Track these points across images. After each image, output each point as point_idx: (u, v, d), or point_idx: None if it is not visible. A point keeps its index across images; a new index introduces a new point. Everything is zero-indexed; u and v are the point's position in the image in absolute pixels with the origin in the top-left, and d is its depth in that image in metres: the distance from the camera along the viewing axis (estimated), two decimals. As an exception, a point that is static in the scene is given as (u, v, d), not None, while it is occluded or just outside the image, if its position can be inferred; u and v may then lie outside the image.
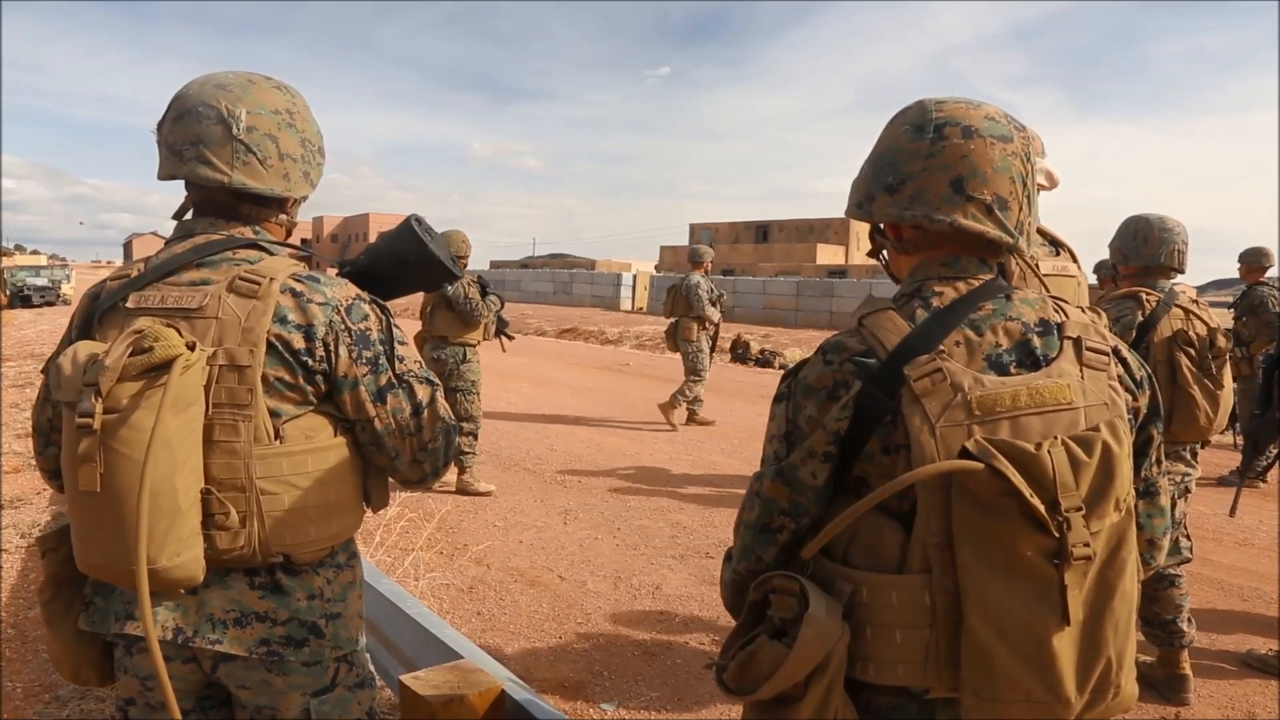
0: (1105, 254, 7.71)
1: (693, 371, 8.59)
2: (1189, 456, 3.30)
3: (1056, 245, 2.58)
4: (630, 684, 3.46)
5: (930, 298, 1.27)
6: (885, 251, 1.43)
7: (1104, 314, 1.59)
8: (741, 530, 1.34)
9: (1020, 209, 1.29)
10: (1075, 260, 2.61)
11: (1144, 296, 3.19)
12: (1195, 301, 3.21)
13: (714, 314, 8.53)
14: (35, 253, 35.05)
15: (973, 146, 1.25)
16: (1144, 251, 3.24)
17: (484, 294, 6.00)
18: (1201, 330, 3.11)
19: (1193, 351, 3.06)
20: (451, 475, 6.04)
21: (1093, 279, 7.73)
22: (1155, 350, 3.10)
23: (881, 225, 1.40)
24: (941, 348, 1.20)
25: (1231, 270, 6.93)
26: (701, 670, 3.56)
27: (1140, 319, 3.15)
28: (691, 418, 8.79)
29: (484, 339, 6.18)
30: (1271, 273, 6.58)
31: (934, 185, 1.26)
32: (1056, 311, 1.28)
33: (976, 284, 1.28)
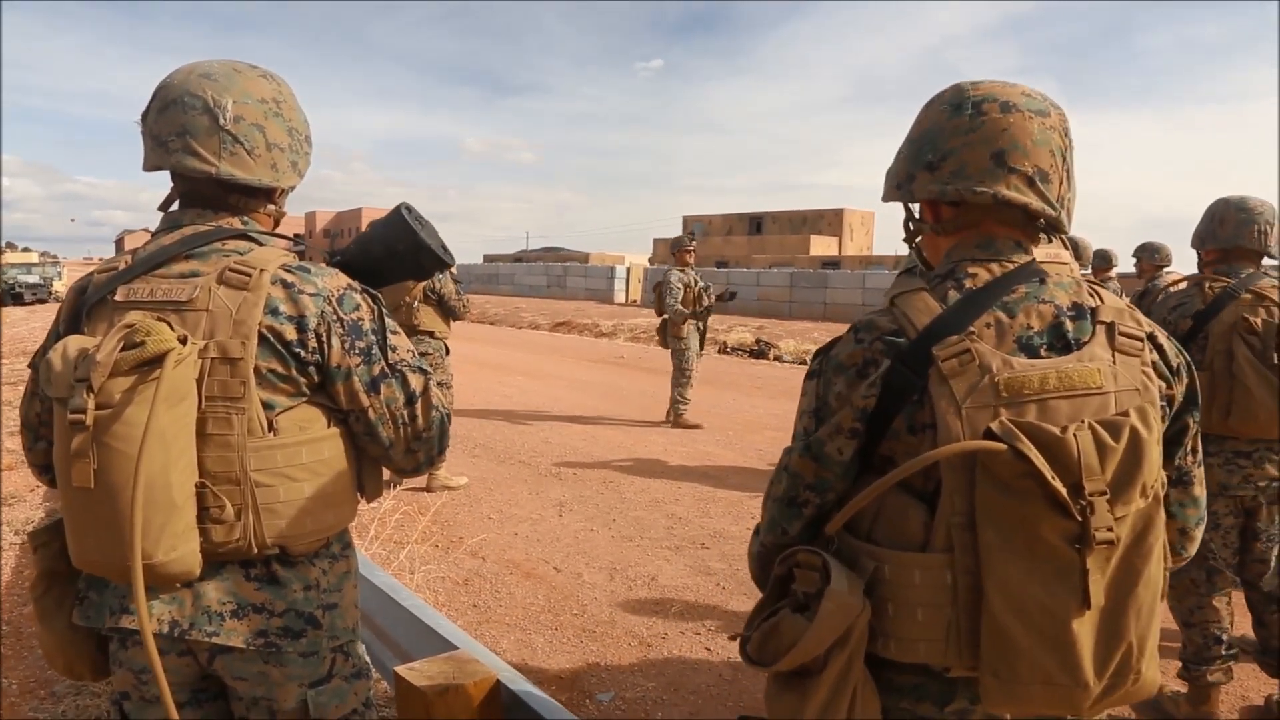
0: (1104, 244, 7.66)
1: (679, 370, 8.31)
2: None
3: (1047, 233, 2.60)
4: (626, 674, 3.47)
5: (963, 279, 1.28)
6: (921, 238, 1.43)
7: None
8: (769, 504, 1.36)
9: (1061, 183, 1.29)
10: (1066, 247, 2.63)
11: (1208, 284, 3.00)
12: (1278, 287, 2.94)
13: (681, 310, 8.11)
14: (27, 250, 34.87)
15: (1012, 120, 1.26)
16: (1220, 234, 3.02)
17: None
18: (1270, 317, 2.87)
19: (1255, 340, 2.87)
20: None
21: (1126, 266, 7.69)
22: (1214, 339, 2.91)
23: (918, 210, 1.41)
24: (972, 329, 1.21)
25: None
26: (697, 660, 3.57)
27: (1200, 307, 2.96)
28: (677, 420, 8.41)
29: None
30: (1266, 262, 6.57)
31: (975, 159, 1.26)
32: (1091, 296, 1.28)
33: (1011, 266, 1.29)
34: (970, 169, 1.27)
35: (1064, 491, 1.09)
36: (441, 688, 1.88)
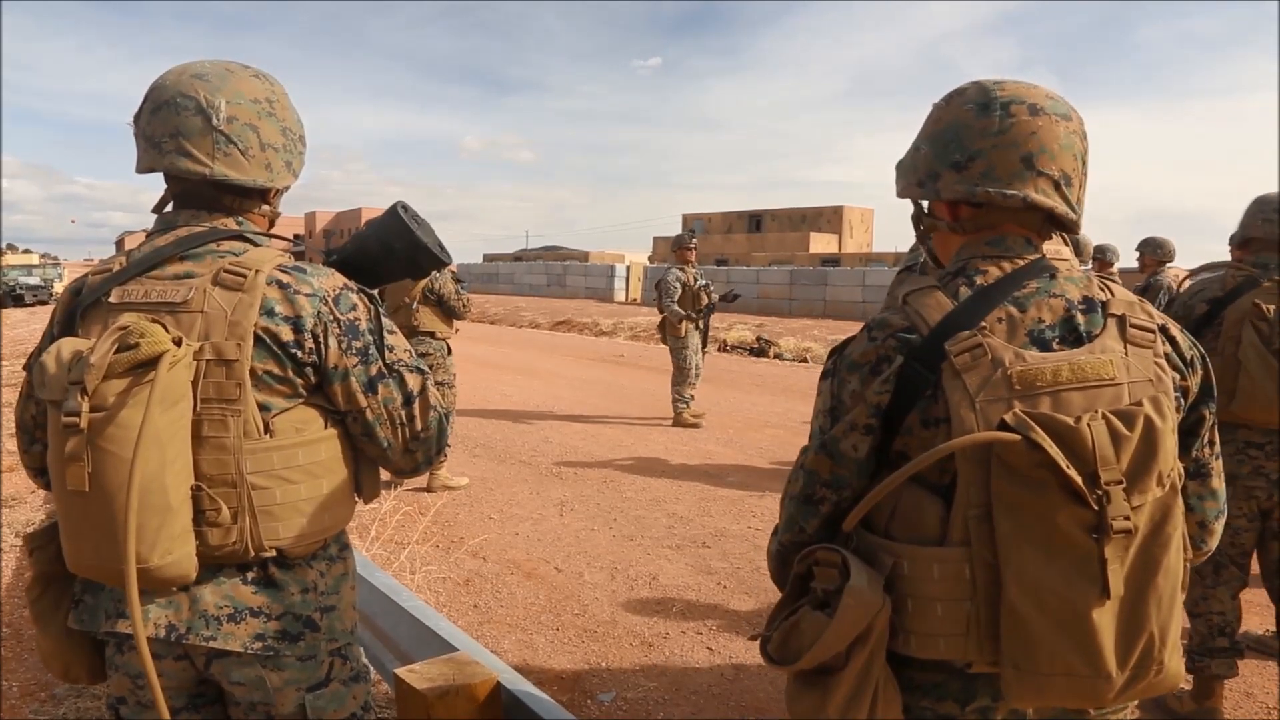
0: (1101, 238, 7.66)
1: (678, 369, 8.29)
2: None
3: (1060, 232, 2.61)
4: (627, 674, 3.46)
5: (974, 276, 1.29)
6: (933, 236, 1.43)
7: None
8: (786, 502, 1.37)
9: (1079, 186, 1.31)
10: (1067, 244, 2.63)
11: (1230, 272, 3.02)
12: None
13: (675, 310, 8.13)
14: (27, 252, 34.87)
15: (1040, 123, 1.27)
16: (1239, 230, 3.08)
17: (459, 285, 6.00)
18: None
19: (1264, 326, 2.87)
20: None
21: (1125, 261, 7.68)
22: (1228, 325, 2.94)
23: (929, 207, 1.41)
24: (983, 324, 1.22)
25: (1223, 253, 6.90)
26: (699, 659, 3.56)
27: (1219, 294, 2.99)
28: (677, 419, 8.37)
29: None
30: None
31: (1004, 161, 1.27)
32: (1102, 290, 1.29)
33: (1022, 263, 1.29)
34: (999, 171, 1.27)
35: (1079, 480, 1.09)
36: (442, 690, 1.88)
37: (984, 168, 1.28)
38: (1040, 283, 1.27)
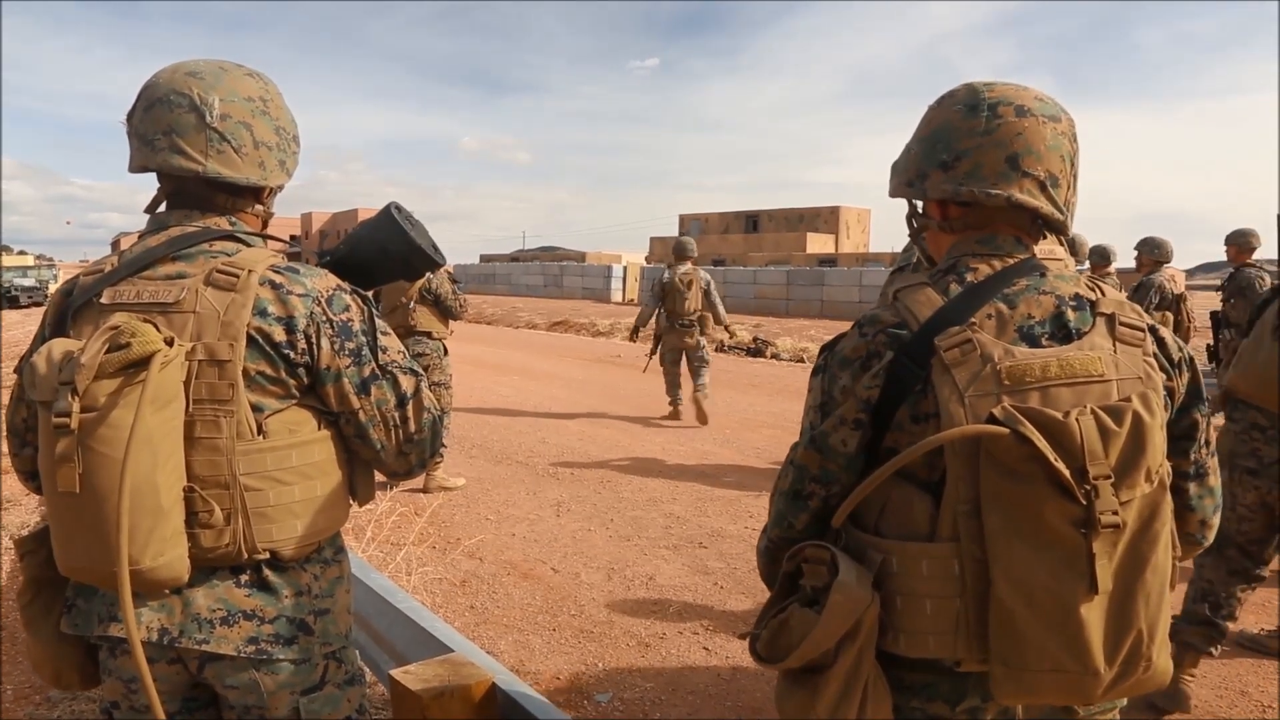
0: (1099, 239, 7.68)
1: (705, 363, 8.34)
2: None
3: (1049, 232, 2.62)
4: (624, 674, 3.46)
5: (965, 273, 1.30)
6: (925, 234, 1.44)
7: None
8: (776, 497, 1.37)
9: (1068, 187, 1.32)
10: (1062, 244, 2.64)
11: None
12: None
13: (725, 317, 8.42)
14: (22, 253, 34.77)
15: (1026, 124, 1.28)
16: None
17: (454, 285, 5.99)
18: None
19: None
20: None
21: (1123, 262, 7.70)
22: (1273, 308, 2.99)
23: (921, 206, 1.42)
24: (973, 320, 1.22)
25: (1219, 253, 6.94)
26: (695, 660, 3.56)
27: None
28: (676, 413, 8.47)
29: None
30: (1260, 254, 6.58)
31: (990, 161, 1.28)
32: (1091, 289, 1.29)
33: (1012, 261, 1.30)
34: (985, 171, 1.28)
35: (1068, 474, 1.09)
36: (437, 691, 1.87)
37: (969, 167, 1.29)
38: (1030, 280, 1.28)
